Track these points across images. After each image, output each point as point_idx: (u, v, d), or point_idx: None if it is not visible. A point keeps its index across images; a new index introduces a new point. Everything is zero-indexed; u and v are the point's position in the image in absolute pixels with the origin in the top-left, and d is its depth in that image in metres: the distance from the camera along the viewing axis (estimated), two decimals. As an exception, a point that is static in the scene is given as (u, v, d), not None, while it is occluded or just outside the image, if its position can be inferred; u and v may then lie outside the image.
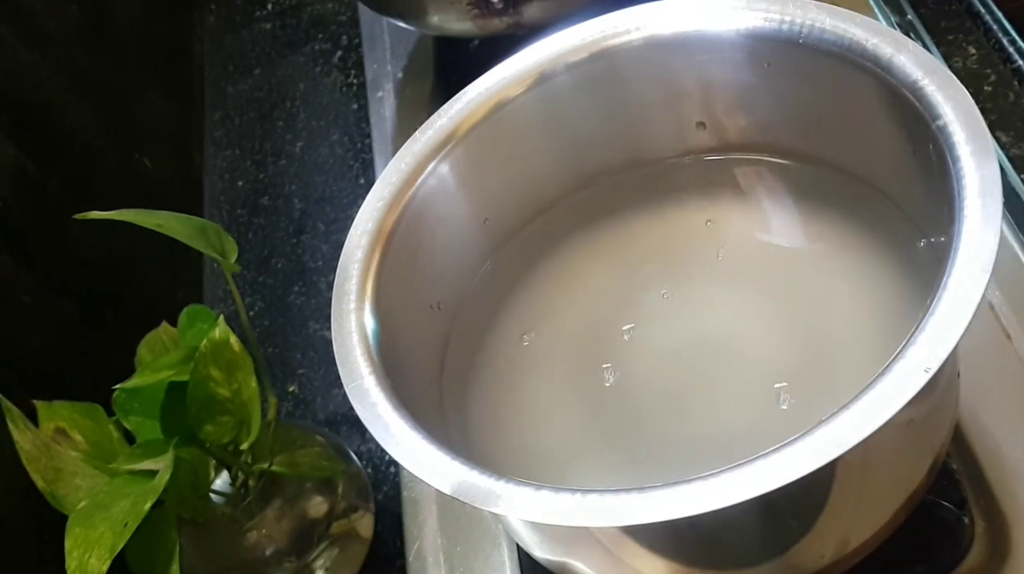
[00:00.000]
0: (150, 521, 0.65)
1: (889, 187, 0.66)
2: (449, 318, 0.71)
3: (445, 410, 0.67)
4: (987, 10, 0.91)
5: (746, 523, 0.58)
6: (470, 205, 0.72)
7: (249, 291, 1.10)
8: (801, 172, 0.71)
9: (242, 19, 1.42)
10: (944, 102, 0.55)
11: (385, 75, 1.18)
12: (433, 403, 0.67)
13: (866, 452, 0.48)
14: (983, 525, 0.68)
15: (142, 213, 0.73)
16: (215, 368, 0.70)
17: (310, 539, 0.82)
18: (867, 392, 0.47)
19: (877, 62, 0.59)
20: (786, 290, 0.68)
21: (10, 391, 0.71)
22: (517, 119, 0.71)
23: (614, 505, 0.48)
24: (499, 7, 0.94)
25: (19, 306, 0.86)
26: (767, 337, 0.67)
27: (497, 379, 0.71)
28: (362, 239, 0.65)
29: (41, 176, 0.94)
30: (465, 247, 0.73)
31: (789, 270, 0.69)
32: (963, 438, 0.71)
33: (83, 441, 0.73)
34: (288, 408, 0.99)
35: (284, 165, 1.21)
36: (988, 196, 0.51)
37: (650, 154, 0.75)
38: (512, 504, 0.50)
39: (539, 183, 0.75)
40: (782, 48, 0.64)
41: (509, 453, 0.67)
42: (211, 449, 0.73)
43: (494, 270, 0.74)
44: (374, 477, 0.90)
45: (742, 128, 0.72)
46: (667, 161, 0.75)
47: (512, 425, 0.69)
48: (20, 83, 0.97)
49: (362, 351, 0.60)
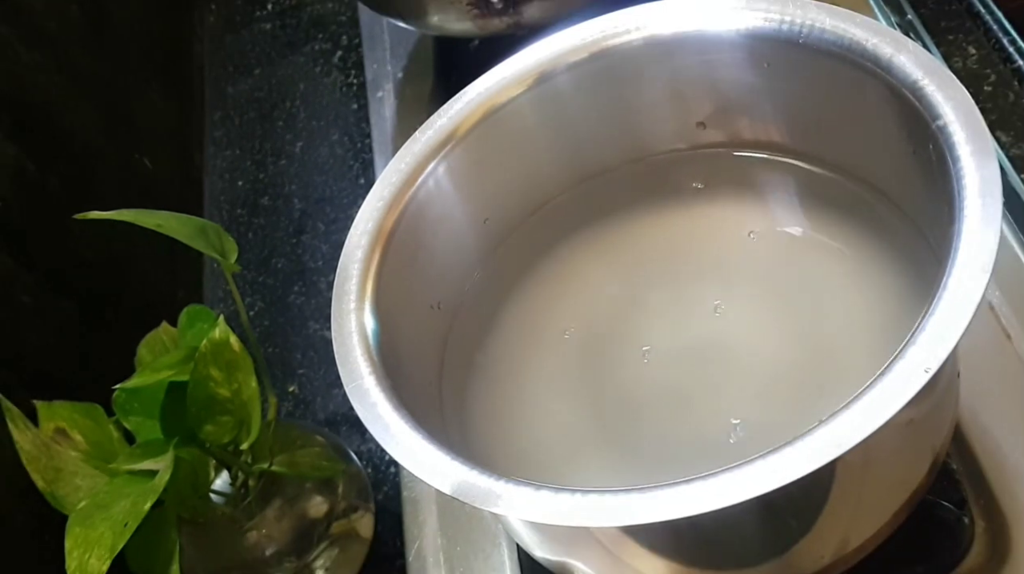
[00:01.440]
0: (150, 521, 0.65)
1: (889, 187, 0.66)
2: (449, 318, 0.71)
3: (445, 410, 0.67)
4: (987, 10, 0.91)
5: (746, 523, 0.58)
6: (470, 205, 0.72)
7: (249, 291, 1.10)
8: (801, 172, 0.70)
9: (242, 19, 1.42)
10: (944, 102, 0.55)
11: (385, 75, 1.18)
12: (433, 403, 0.67)
13: (866, 452, 0.48)
14: (983, 525, 0.68)
15: (142, 213, 0.73)
16: (215, 368, 0.70)
17: (310, 539, 0.82)
18: (867, 392, 0.47)
19: (877, 62, 0.59)
20: (786, 289, 0.68)
21: (10, 391, 0.71)
22: (517, 119, 0.71)
23: (614, 505, 0.48)
24: (499, 7, 0.94)
25: (19, 306, 0.86)
26: (768, 337, 0.67)
27: (497, 379, 0.71)
28: (362, 239, 0.65)
29: (41, 176, 0.94)
30: (465, 247, 0.73)
31: (789, 269, 0.69)
32: (963, 438, 0.71)
33: (83, 441, 0.73)
34: (288, 408, 0.99)
35: (284, 165, 1.21)
36: (988, 196, 0.51)
37: (650, 154, 0.75)
38: (512, 504, 0.50)
39: (539, 183, 0.75)
40: (782, 48, 0.64)
41: (508, 453, 0.67)
42: (211, 449, 0.73)
43: (494, 270, 0.74)
44: (374, 477, 0.90)
45: (742, 128, 0.72)
46: (667, 161, 0.75)
47: (511, 425, 0.68)
48: (20, 83, 0.97)
49: (362, 351, 0.60)
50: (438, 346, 0.70)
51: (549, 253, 0.75)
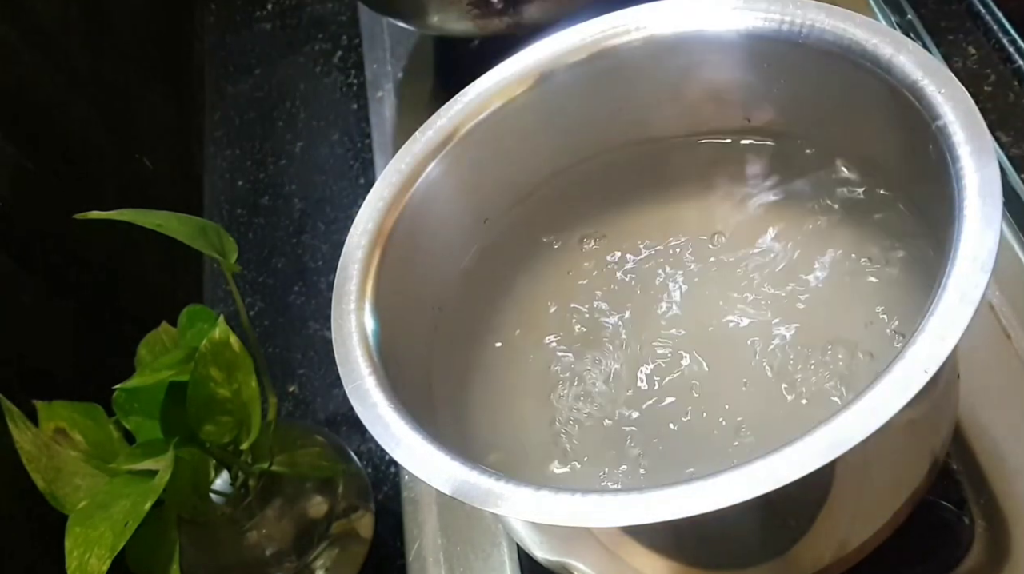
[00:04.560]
0: (150, 521, 0.65)
1: (889, 186, 0.66)
2: (448, 317, 0.71)
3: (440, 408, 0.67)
4: (987, 10, 0.91)
5: (746, 523, 0.57)
6: (470, 205, 0.72)
7: (249, 291, 1.10)
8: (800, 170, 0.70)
9: (242, 19, 1.42)
10: (944, 102, 0.55)
11: (385, 75, 1.18)
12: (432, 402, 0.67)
13: (866, 452, 0.48)
14: (983, 525, 0.68)
15: (142, 213, 0.73)
16: (215, 368, 0.70)
17: (310, 539, 0.82)
18: (867, 392, 0.47)
19: (877, 62, 0.59)
20: (786, 286, 0.68)
21: (10, 391, 0.71)
22: (517, 119, 0.71)
23: (614, 505, 0.48)
24: (499, 7, 0.93)
25: (19, 306, 0.86)
26: (767, 333, 0.66)
27: (497, 378, 0.71)
28: (362, 239, 0.65)
29: (41, 176, 0.94)
30: (466, 247, 0.73)
31: (788, 267, 0.69)
32: (963, 438, 0.71)
33: (83, 441, 0.72)
34: (288, 408, 0.99)
35: (284, 165, 1.21)
36: (988, 196, 0.51)
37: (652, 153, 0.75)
38: (513, 505, 0.50)
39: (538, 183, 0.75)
40: (782, 48, 0.64)
41: (506, 451, 0.67)
42: (211, 449, 0.73)
43: (493, 269, 0.74)
44: (374, 477, 0.89)
45: (742, 127, 0.72)
46: (668, 160, 0.75)
47: (509, 423, 0.68)
48: (20, 83, 0.97)
49: (362, 351, 0.60)
50: (437, 346, 0.70)
51: (548, 249, 0.75)
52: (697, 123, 0.73)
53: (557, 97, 0.71)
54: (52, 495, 0.70)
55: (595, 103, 0.72)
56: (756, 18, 0.64)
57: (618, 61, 0.69)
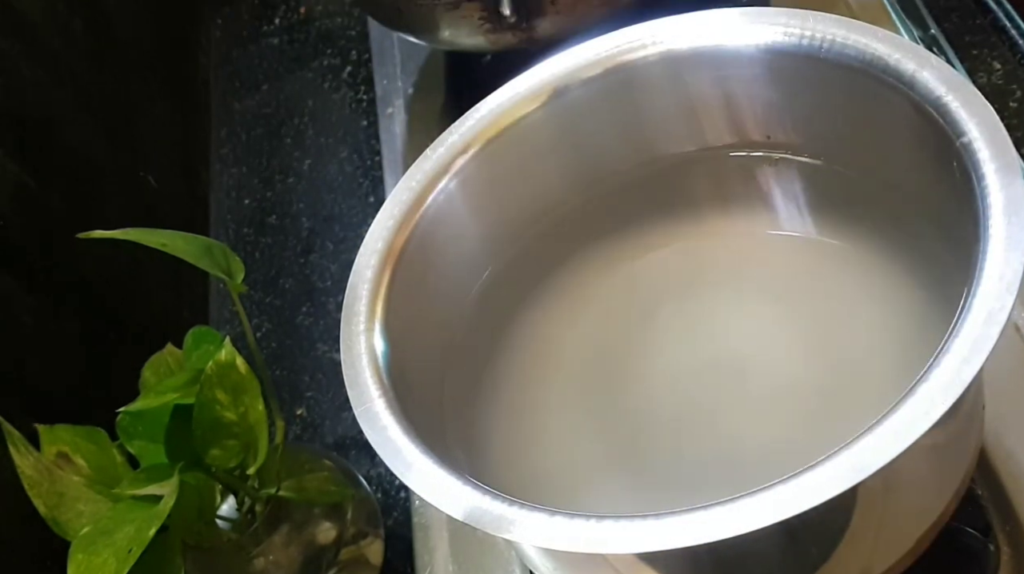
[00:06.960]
0: (154, 547, 0.64)
1: (912, 204, 0.65)
2: (459, 338, 0.70)
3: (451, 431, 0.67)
4: (1012, 24, 0.91)
5: (765, 550, 0.57)
6: (482, 223, 0.72)
7: (256, 312, 1.09)
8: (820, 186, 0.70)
9: (249, 34, 1.42)
10: (968, 119, 0.54)
11: (395, 91, 1.18)
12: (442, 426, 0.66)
13: (888, 477, 0.47)
14: (1009, 552, 0.67)
15: (146, 232, 0.73)
16: (221, 391, 0.70)
17: (318, 566, 0.81)
18: (890, 415, 0.46)
19: (900, 78, 0.58)
20: (804, 307, 0.68)
21: (11, 414, 0.71)
22: (530, 136, 0.71)
23: (630, 531, 0.48)
24: (512, 21, 0.93)
25: (20, 327, 0.86)
26: (785, 355, 0.66)
27: (506, 399, 0.70)
28: (372, 259, 0.65)
29: (43, 194, 0.94)
30: (478, 267, 0.72)
31: (807, 286, 0.69)
32: (988, 463, 0.70)
33: (86, 465, 0.72)
34: (296, 431, 0.98)
35: (292, 183, 1.21)
36: (1014, 215, 0.50)
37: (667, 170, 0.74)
38: (526, 530, 0.50)
39: (552, 200, 0.74)
40: (802, 63, 0.63)
41: (518, 476, 0.66)
42: (217, 474, 0.73)
43: (505, 289, 0.73)
44: (384, 502, 0.89)
45: (760, 143, 0.71)
46: (684, 177, 0.74)
47: (522, 447, 0.68)
48: (22, 99, 0.97)
49: (372, 373, 0.59)
50: (448, 368, 0.69)
51: (561, 270, 0.75)
52: (715, 140, 0.72)
53: (571, 113, 0.70)
54: (54, 521, 0.70)
55: (610, 119, 0.72)
56: (776, 32, 0.64)
57: (634, 76, 0.69)
